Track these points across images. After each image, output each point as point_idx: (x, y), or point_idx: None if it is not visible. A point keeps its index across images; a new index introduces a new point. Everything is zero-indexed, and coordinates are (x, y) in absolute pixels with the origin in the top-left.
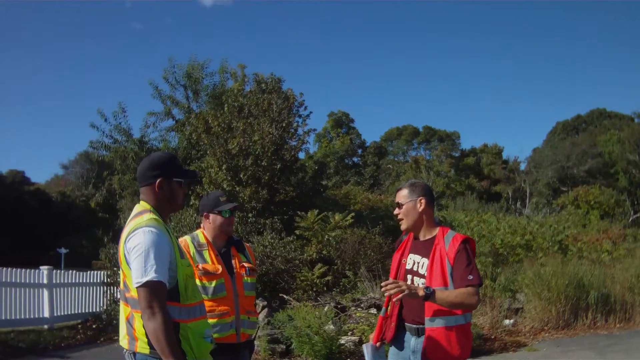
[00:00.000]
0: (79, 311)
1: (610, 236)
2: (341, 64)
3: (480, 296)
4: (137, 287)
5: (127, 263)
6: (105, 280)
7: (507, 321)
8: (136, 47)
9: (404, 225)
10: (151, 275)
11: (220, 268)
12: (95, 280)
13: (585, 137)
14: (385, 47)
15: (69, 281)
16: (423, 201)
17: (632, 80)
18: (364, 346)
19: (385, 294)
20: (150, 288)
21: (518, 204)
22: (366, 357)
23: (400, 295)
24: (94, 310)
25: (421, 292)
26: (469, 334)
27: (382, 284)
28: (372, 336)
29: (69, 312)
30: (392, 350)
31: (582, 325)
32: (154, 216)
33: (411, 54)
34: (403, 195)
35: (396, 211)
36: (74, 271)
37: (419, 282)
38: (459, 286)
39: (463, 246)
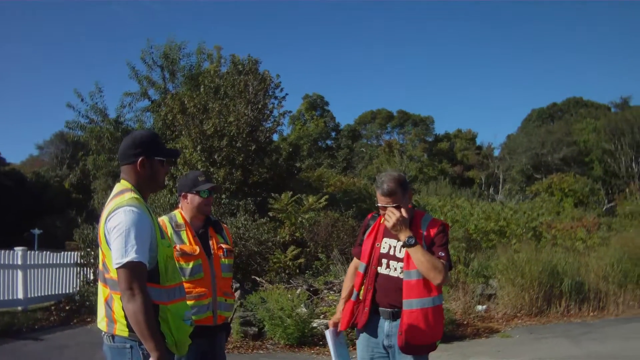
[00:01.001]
0: (53, 292)
1: (585, 224)
2: (317, 46)
3: (446, 277)
4: (117, 268)
5: (107, 243)
6: (79, 261)
7: (479, 307)
8: (114, 28)
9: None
10: (131, 256)
11: (197, 249)
12: (68, 262)
13: (561, 125)
14: (361, 30)
15: (43, 262)
16: (411, 193)
17: (609, 70)
18: (326, 332)
19: (383, 213)
20: (131, 269)
21: (491, 189)
22: (329, 343)
23: (392, 221)
24: (68, 291)
25: (403, 237)
26: (443, 315)
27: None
28: (332, 322)
29: (43, 294)
30: (363, 336)
31: (555, 313)
32: (135, 195)
33: (387, 38)
34: (398, 197)
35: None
36: (48, 252)
37: (397, 265)
38: None
39: (442, 228)
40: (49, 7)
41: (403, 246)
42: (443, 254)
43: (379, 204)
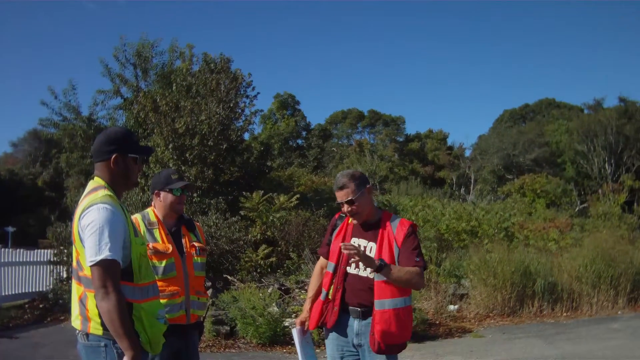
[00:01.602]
0: (27, 290)
1: (557, 225)
2: (289, 45)
3: (424, 280)
4: (90, 266)
5: (81, 241)
6: (52, 259)
7: (451, 307)
8: (88, 25)
9: (359, 219)
10: (105, 254)
11: (170, 247)
12: (42, 259)
13: (533, 126)
14: (333, 29)
15: (17, 260)
16: (370, 189)
17: (582, 72)
18: (293, 331)
19: (343, 251)
20: (104, 267)
21: (462, 190)
22: (296, 342)
23: (355, 257)
24: (41, 289)
25: (373, 265)
26: (412, 315)
27: (342, 245)
28: (298, 321)
29: (17, 292)
30: (333, 335)
31: (528, 313)
32: (109, 192)
33: (359, 37)
34: (351, 190)
35: (347, 208)
36: (22, 250)
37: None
38: (406, 266)
39: (412, 230)
40: (22, 4)
41: (377, 271)
42: (419, 259)
43: (337, 201)
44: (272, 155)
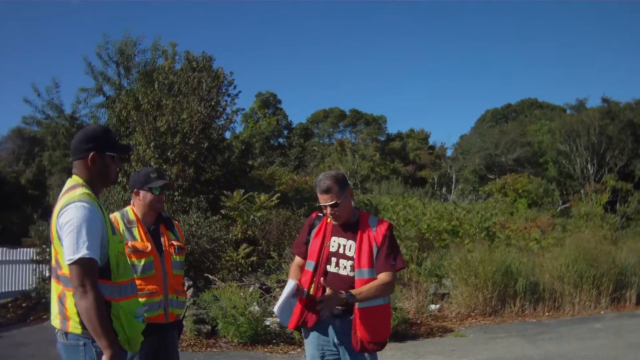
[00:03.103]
0: (10, 289)
1: (539, 225)
2: (271, 44)
3: (395, 280)
4: (68, 265)
5: (59, 239)
6: (35, 258)
7: (432, 306)
8: (72, 22)
9: (339, 221)
10: (83, 252)
11: (149, 246)
12: (25, 258)
13: (515, 125)
14: (314, 29)
15: (0, 259)
16: (351, 191)
17: (565, 72)
18: (290, 281)
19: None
20: (82, 265)
21: (443, 189)
22: (285, 292)
23: (329, 309)
24: (24, 288)
25: (340, 301)
26: (390, 313)
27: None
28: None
29: (0, 291)
30: (313, 335)
31: (509, 313)
32: (87, 191)
33: (342, 36)
34: (335, 193)
35: (330, 211)
36: (5, 248)
37: (347, 264)
38: (383, 269)
39: (390, 232)
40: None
41: (349, 303)
42: (394, 262)
43: (319, 203)
44: (253, 154)
